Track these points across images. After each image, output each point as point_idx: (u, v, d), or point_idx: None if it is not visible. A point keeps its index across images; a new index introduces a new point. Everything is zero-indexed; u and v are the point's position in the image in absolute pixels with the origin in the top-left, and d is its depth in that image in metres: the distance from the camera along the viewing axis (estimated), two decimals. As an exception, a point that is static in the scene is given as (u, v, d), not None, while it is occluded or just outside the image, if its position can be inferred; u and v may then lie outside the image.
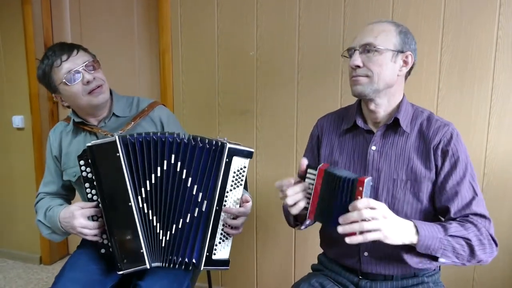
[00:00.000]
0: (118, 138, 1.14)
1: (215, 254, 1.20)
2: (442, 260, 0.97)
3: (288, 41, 1.85)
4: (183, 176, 1.17)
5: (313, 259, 1.32)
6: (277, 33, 1.87)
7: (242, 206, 1.20)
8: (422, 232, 0.92)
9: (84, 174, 1.18)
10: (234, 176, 1.18)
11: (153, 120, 1.40)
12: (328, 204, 0.93)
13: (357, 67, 1.05)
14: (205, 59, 2.02)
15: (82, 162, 1.17)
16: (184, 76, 2.08)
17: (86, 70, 1.27)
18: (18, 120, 2.49)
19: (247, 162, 1.19)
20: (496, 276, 1.67)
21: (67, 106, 1.36)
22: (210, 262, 1.20)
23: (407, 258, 1.02)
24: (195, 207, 1.18)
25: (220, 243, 1.21)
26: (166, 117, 1.42)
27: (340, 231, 0.88)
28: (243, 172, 1.19)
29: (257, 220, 2.04)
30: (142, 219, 1.17)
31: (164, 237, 1.19)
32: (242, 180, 1.20)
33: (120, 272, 1.17)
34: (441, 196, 1.05)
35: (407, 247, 0.97)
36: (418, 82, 1.67)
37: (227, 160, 1.16)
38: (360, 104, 1.16)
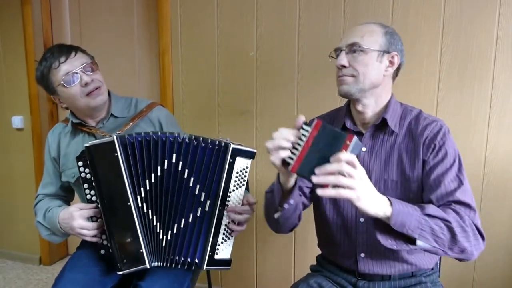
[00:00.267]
0: (116, 138, 1.14)
1: (218, 254, 1.20)
2: (420, 244, 0.90)
3: (288, 41, 1.85)
4: (185, 176, 1.17)
5: (313, 260, 1.32)
6: (277, 33, 1.87)
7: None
8: (396, 206, 0.88)
9: (82, 175, 1.18)
10: (237, 177, 1.18)
11: (151, 121, 1.40)
12: (314, 158, 0.90)
13: (343, 67, 1.06)
14: (205, 59, 2.02)
15: (81, 163, 1.17)
16: (184, 77, 2.08)
17: (84, 72, 1.27)
18: (17, 121, 2.49)
19: (249, 163, 1.19)
20: (496, 276, 1.67)
21: (66, 108, 1.36)
22: (212, 261, 1.20)
23: (381, 238, 0.93)
24: (198, 207, 1.18)
25: (222, 242, 1.21)
26: (164, 118, 1.42)
27: (314, 180, 0.84)
28: (246, 172, 1.19)
29: (257, 221, 2.04)
30: (141, 219, 1.17)
31: (164, 236, 1.19)
32: (244, 181, 1.20)
33: (120, 272, 1.17)
34: (426, 189, 1.03)
35: (383, 224, 0.91)
36: (418, 82, 1.67)
37: (231, 160, 1.16)
38: (350, 106, 1.16)
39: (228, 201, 1.19)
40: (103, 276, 1.26)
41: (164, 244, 1.19)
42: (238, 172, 1.18)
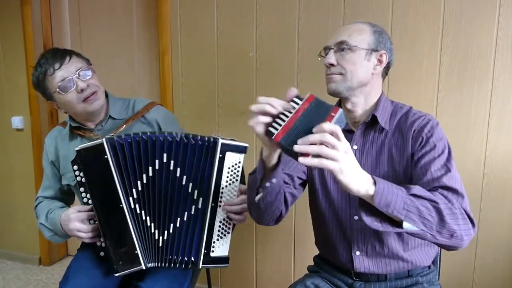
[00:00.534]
0: (105, 140, 1.13)
1: (214, 252, 1.19)
2: (407, 226, 0.86)
3: (287, 42, 1.85)
4: (177, 175, 1.16)
5: (312, 261, 1.32)
6: (276, 34, 1.87)
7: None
8: (380, 185, 0.83)
9: (78, 178, 1.18)
10: (229, 172, 1.17)
11: (149, 122, 1.39)
12: (301, 129, 0.85)
13: (331, 65, 1.06)
14: (204, 60, 2.02)
15: (76, 167, 1.17)
16: (183, 77, 2.08)
17: (79, 77, 1.26)
18: (17, 121, 2.49)
19: (242, 158, 1.18)
20: (496, 277, 1.67)
21: (65, 112, 1.36)
22: (208, 259, 1.19)
23: (366, 219, 0.88)
24: (192, 205, 1.17)
25: (218, 240, 1.20)
26: (162, 118, 1.40)
27: (296, 148, 0.79)
28: (238, 167, 1.18)
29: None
30: (134, 220, 1.17)
31: (160, 237, 1.18)
32: (238, 176, 1.19)
33: (116, 274, 1.18)
34: (413, 179, 1.01)
35: (369, 205, 0.87)
36: (418, 82, 1.67)
37: (221, 156, 1.15)
38: (340, 105, 1.16)
39: (221, 197, 1.17)
40: (105, 279, 1.27)
41: (160, 245, 1.18)
42: (230, 168, 1.17)
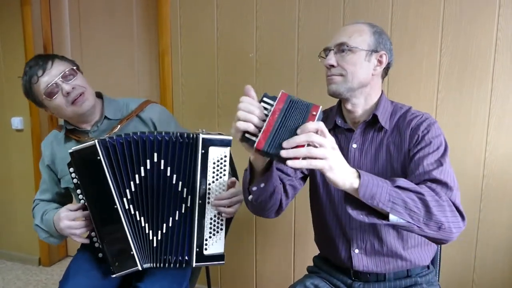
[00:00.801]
0: (97, 142, 1.13)
1: (207, 250, 1.19)
2: (393, 219, 0.85)
3: (287, 42, 1.85)
4: (168, 174, 1.16)
5: (312, 262, 1.32)
6: (276, 34, 1.87)
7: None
8: (364, 177, 0.83)
9: (74, 180, 1.17)
10: (214, 167, 1.16)
11: (144, 121, 1.38)
12: (282, 133, 0.81)
13: (331, 67, 1.07)
14: (204, 60, 2.02)
15: (72, 170, 1.17)
16: (183, 78, 2.08)
17: (64, 81, 1.24)
18: (17, 122, 2.49)
19: (227, 151, 1.16)
20: (496, 277, 1.67)
21: (58, 117, 1.35)
22: (202, 258, 1.18)
23: (352, 212, 0.87)
24: (182, 203, 1.17)
25: (211, 237, 1.19)
26: (157, 116, 1.39)
27: (284, 154, 0.78)
28: (225, 161, 1.17)
29: (256, 223, 2.04)
30: (129, 221, 1.16)
31: (154, 237, 1.18)
32: (224, 171, 1.17)
33: (113, 275, 1.18)
34: (407, 174, 1.01)
35: (355, 198, 0.86)
36: (418, 83, 1.67)
37: (203, 151, 1.14)
38: (341, 104, 1.17)
39: (209, 193, 1.16)
40: (105, 279, 1.27)
41: (155, 245, 1.18)
42: (215, 163, 1.16)
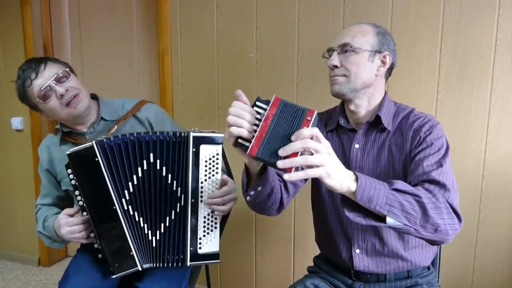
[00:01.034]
0: (95, 143, 1.12)
1: (201, 248, 1.18)
2: (390, 221, 0.84)
3: (287, 42, 1.85)
4: (163, 173, 1.16)
5: (312, 262, 1.32)
6: (276, 34, 1.87)
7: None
8: (362, 180, 0.82)
9: (73, 182, 1.17)
10: (206, 165, 1.16)
11: (141, 121, 1.37)
12: (276, 139, 0.79)
13: (335, 67, 1.07)
14: (204, 60, 2.02)
15: (70, 171, 1.17)
16: (183, 78, 2.08)
17: (57, 83, 1.24)
18: (17, 122, 2.49)
19: (219, 149, 1.16)
20: (495, 278, 1.67)
21: (54, 120, 1.34)
22: (197, 256, 1.18)
23: (349, 215, 0.86)
24: (176, 203, 1.17)
25: (205, 236, 1.19)
26: (153, 115, 1.38)
27: (280, 165, 0.76)
28: (217, 159, 1.17)
29: (256, 223, 2.04)
30: (128, 222, 1.16)
31: (153, 237, 1.18)
32: (217, 169, 1.17)
33: (113, 276, 1.18)
34: (407, 174, 1.01)
35: (351, 201, 0.86)
36: (418, 83, 1.67)
37: (194, 149, 1.14)
38: (344, 105, 1.17)
39: (202, 192, 1.16)
40: (104, 279, 1.27)
41: (154, 245, 1.18)
42: (207, 161, 1.16)
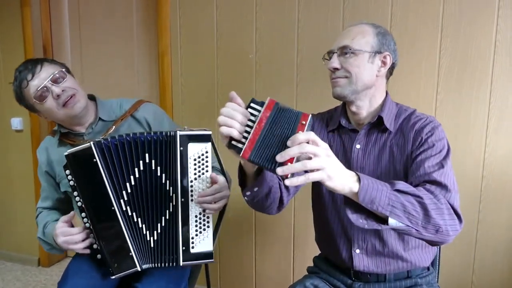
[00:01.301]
0: (93, 144, 1.12)
1: (194, 248, 1.18)
2: (392, 223, 0.84)
3: (287, 43, 1.86)
4: (158, 174, 1.16)
5: (311, 262, 1.32)
6: (276, 35, 1.87)
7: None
8: (364, 181, 0.82)
9: (71, 183, 1.17)
10: (195, 164, 1.16)
11: (139, 121, 1.37)
12: (271, 142, 0.78)
13: (335, 70, 1.07)
14: (204, 60, 2.02)
15: (68, 172, 1.17)
16: (183, 78, 2.08)
17: (53, 83, 1.23)
18: (16, 122, 2.49)
19: (208, 146, 1.16)
20: (495, 279, 1.67)
21: (52, 121, 1.34)
22: (189, 256, 1.17)
23: (351, 217, 0.86)
24: (169, 202, 1.17)
25: (197, 235, 1.18)
26: (152, 115, 1.38)
27: (280, 172, 0.75)
28: (206, 157, 1.16)
29: (255, 223, 2.04)
30: (127, 222, 1.16)
31: (152, 237, 1.18)
32: (207, 167, 1.17)
33: (113, 276, 1.18)
34: (408, 175, 1.01)
35: (354, 202, 0.85)
36: (417, 84, 1.67)
37: (182, 148, 1.14)
38: (345, 105, 1.17)
39: (192, 190, 1.16)
40: (103, 280, 1.27)
41: (152, 245, 1.18)
42: (196, 159, 1.15)
